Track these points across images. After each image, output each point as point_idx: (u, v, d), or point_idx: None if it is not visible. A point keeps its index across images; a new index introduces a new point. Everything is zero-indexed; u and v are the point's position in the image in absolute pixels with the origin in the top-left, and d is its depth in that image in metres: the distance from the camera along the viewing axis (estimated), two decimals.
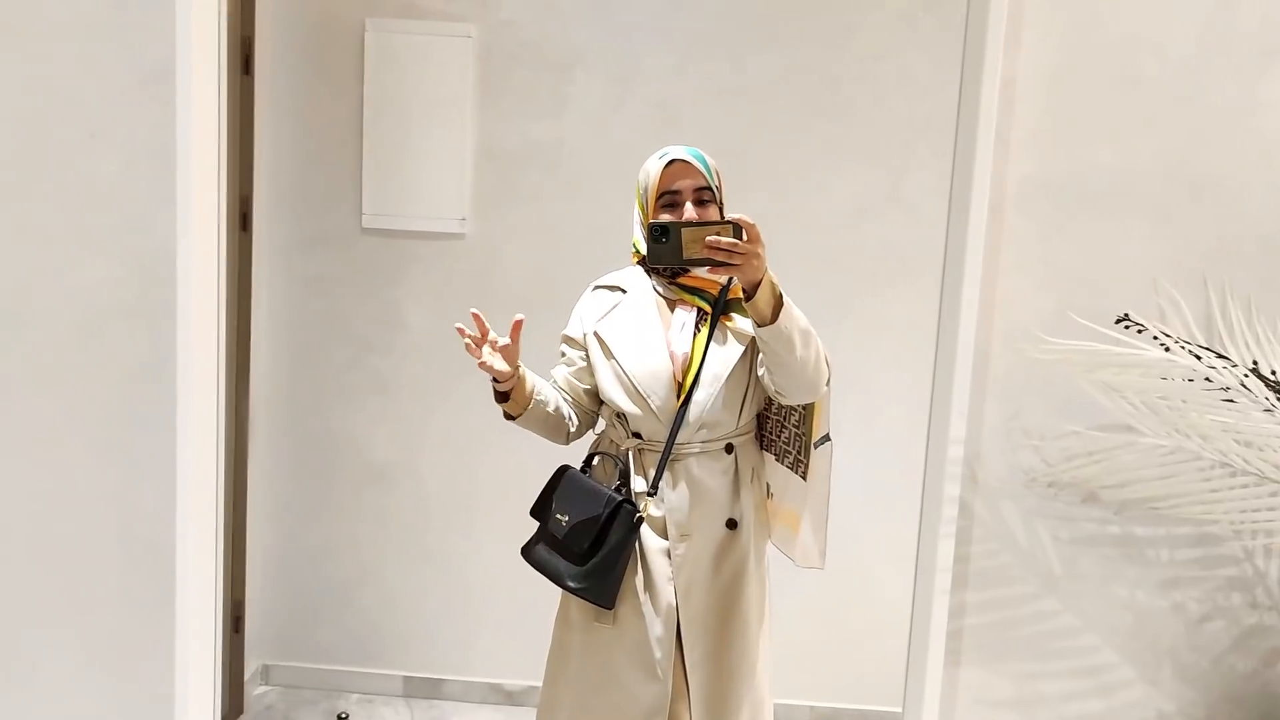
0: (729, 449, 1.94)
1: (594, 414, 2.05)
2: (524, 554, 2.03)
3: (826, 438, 2.01)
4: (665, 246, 1.78)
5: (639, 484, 1.93)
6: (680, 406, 1.88)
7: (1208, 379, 1.44)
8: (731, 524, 1.94)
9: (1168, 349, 1.46)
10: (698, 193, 1.88)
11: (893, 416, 2.94)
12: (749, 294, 1.76)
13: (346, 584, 3.13)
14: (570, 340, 2.02)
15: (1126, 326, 1.56)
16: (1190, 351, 1.44)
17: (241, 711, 2.97)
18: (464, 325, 1.87)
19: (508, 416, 1.96)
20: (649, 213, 1.92)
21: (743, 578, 1.95)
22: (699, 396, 1.88)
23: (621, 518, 1.89)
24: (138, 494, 1.80)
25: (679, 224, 1.76)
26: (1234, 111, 1.71)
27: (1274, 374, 1.59)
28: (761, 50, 2.84)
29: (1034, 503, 1.76)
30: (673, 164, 1.89)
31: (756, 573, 1.99)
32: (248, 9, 2.75)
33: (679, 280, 1.95)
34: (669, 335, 1.92)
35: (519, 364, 1.90)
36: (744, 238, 1.72)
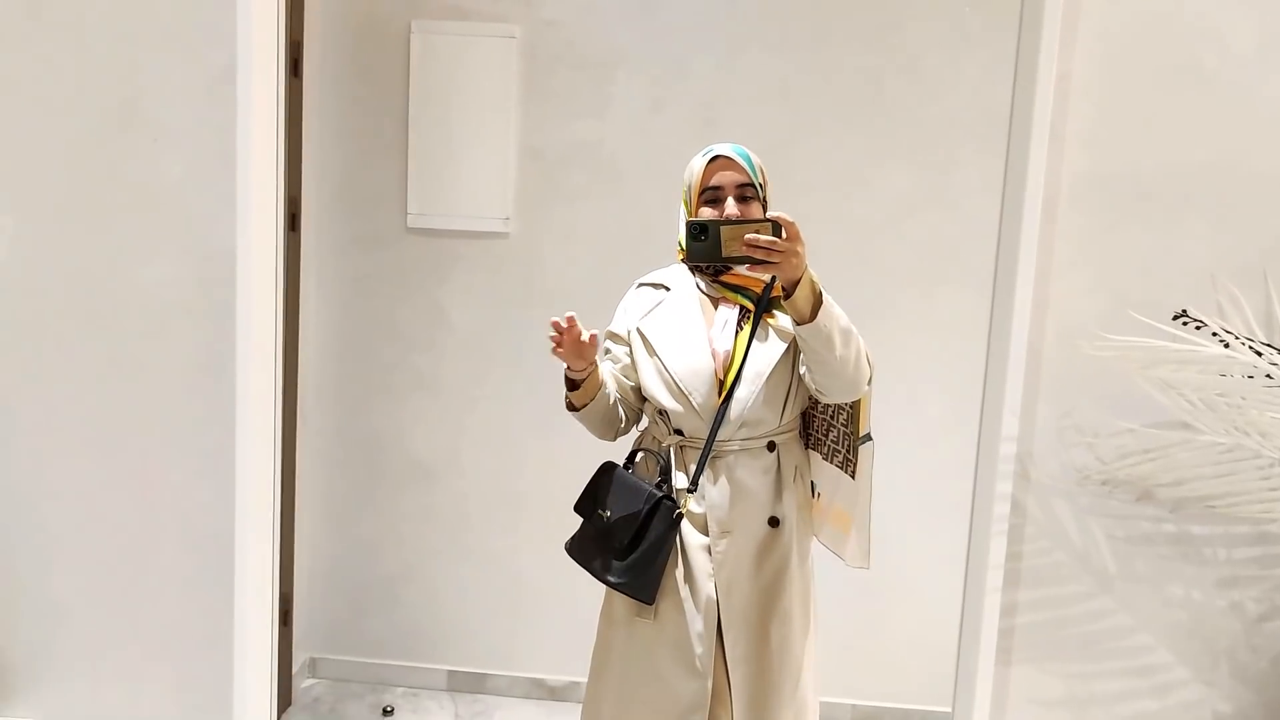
0: (771, 447, 1.94)
1: (639, 410, 2.06)
2: (568, 549, 2.04)
3: (868, 436, 2.00)
4: (704, 244, 1.77)
5: (680, 480, 1.93)
6: (721, 404, 1.88)
7: (1268, 375, 1.42)
8: (774, 522, 1.94)
9: (1227, 345, 1.44)
10: (740, 189, 1.88)
11: (936, 415, 2.92)
12: (788, 292, 1.75)
13: (392, 579, 3.16)
14: (615, 337, 2.03)
15: (1184, 323, 1.54)
16: (1251, 348, 1.42)
17: (290, 704, 3.01)
18: (555, 323, 1.86)
19: (570, 407, 1.96)
20: (692, 209, 1.92)
21: (785, 576, 1.94)
22: (740, 394, 1.88)
23: (661, 513, 1.89)
24: (198, 488, 1.83)
25: (718, 222, 1.76)
26: None
27: None
28: (804, 49, 2.83)
29: (1087, 501, 1.74)
30: (716, 160, 1.89)
31: (800, 572, 1.98)
32: (296, 12, 2.79)
33: (722, 278, 1.95)
34: (711, 333, 1.92)
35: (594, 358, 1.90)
36: (783, 236, 1.71)
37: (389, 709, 3.06)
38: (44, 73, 1.79)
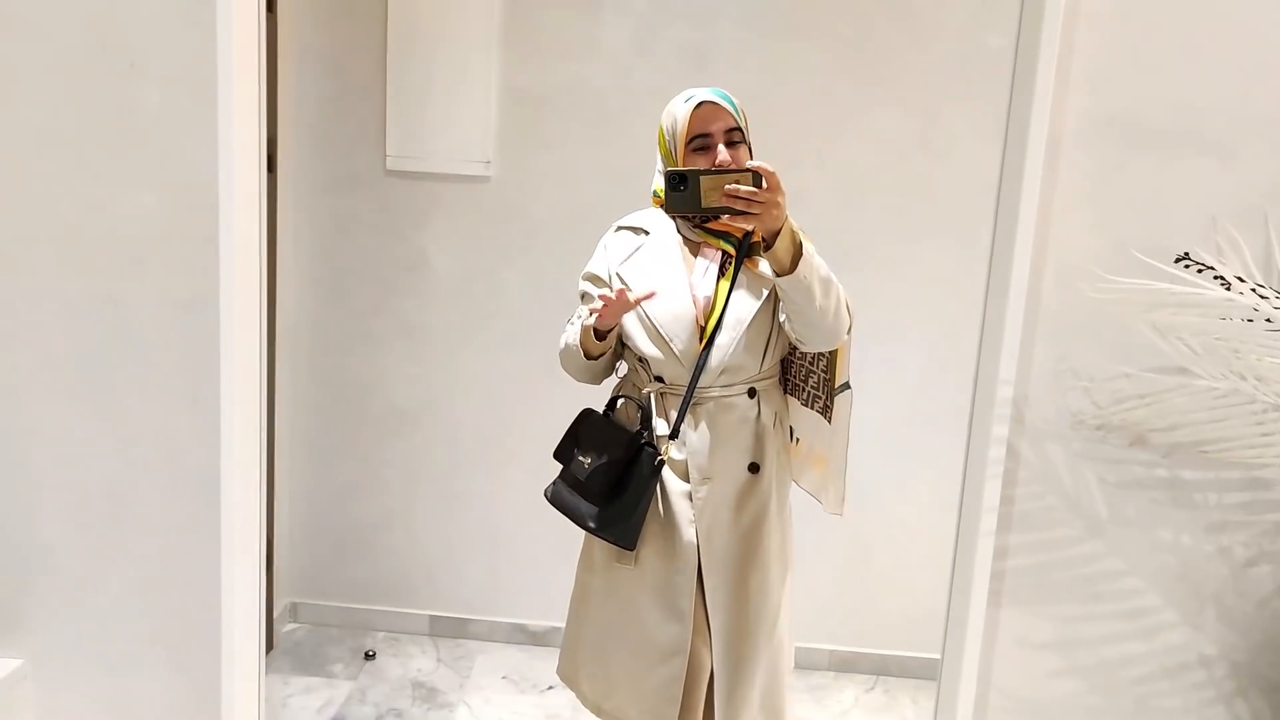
0: (751, 393, 1.94)
1: (618, 355, 2.05)
2: (547, 496, 2.04)
3: (846, 385, 2.01)
4: (683, 194, 1.76)
5: (661, 427, 1.93)
6: (702, 350, 1.88)
7: (1269, 319, 1.41)
8: (754, 468, 1.95)
9: (1229, 287, 1.43)
10: (729, 134, 1.87)
11: (918, 364, 2.93)
12: (768, 243, 1.75)
13: (374, 524, 3.15)
14: (595, 278, 2.00)
15: (1187, 266, 1.53)
16: (1256, 292, 1.41)
17: (271, 648, 3.01)
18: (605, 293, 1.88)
19: (588, 356, 1.96)
20: (678, 158, 1.89)
21: (764, 521, 1.96)
22: (721, 340, 1.88)
23: (643, 461, 1.90)
24: (181, 425, 1.80)
25: (697, 171, 1.74)
26: None
27: None
28: None
29: (1081, 445, 1.75)
30: (701, 106, 1.87)
31: (779, 517, 1.99)
32: None
33: (705, 224, 1.93)
34: (692, 279, 1.91)
35: None
36: (764, 186, 1.70)
37: (370, 653, 3.06)
38: None
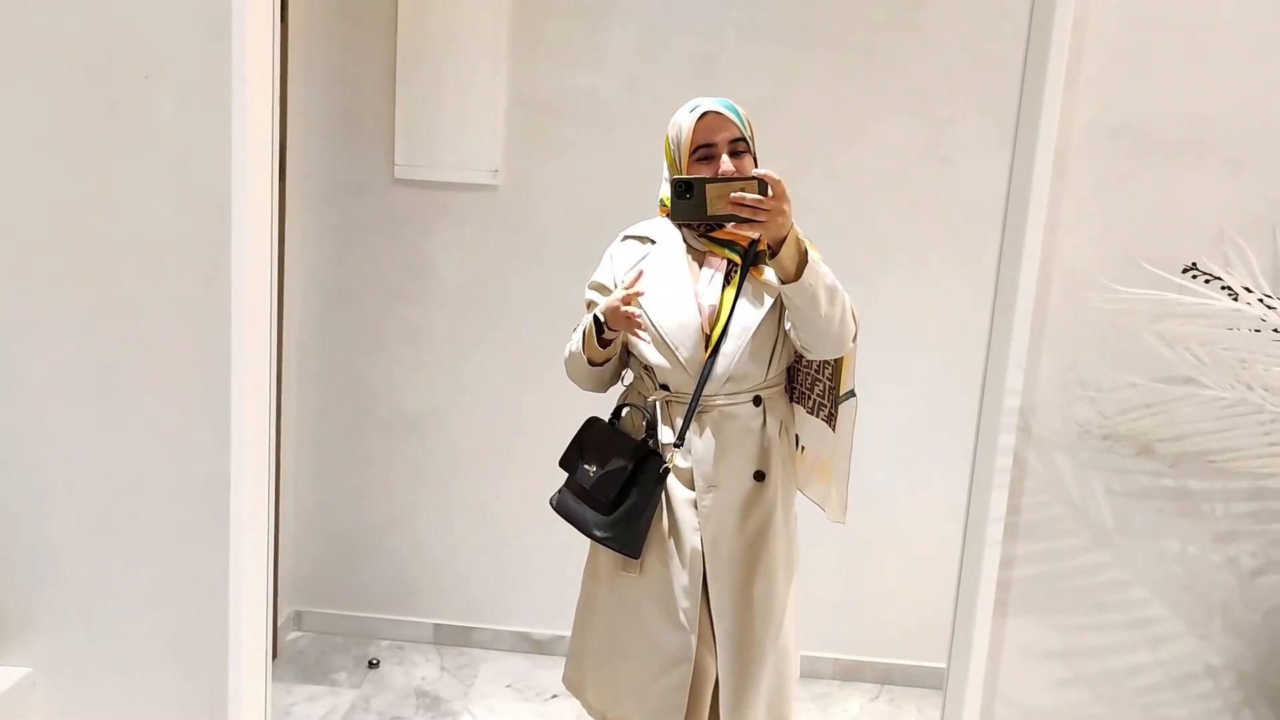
0: (757, 401, 1.94)
1: (624, 363, 2.06)
2: (552, 504, 2.04)
3: (851, 393, 2.01)
4: (689, 203, 1.76)
5: (666, 435, 1.94)
6: (708, 359, 1.88)
7: (1276, 330, 1.42)
8: (759, 476, 1.95)
9: (1236, 298, 1.44)
10: (733, 144, 1.87)
11: (927, 373, 2.93)
12: (773, 250, 1.76)
13: (378, 532, 3.15)
14: (601, 287, 2.01)
15: (1194, 276, 1.54)
16: (1263, 302, 1.42)
17: (275, 656, 3.00)
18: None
19: (591, 363, 1.96)
20: (683, 167, 1.90)
21: (770, 529, 1.96)
22: (727, 348, 1.88)
23: (648, 469, 1.90)
24: (193, 431, 1.81)
25: (703, 180, 1.75)
26: None
27: None
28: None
29: (1088, 455, 1.75)
30: (706, 116, 1.87)
31: (784, 525, 2.00)
32: None
33: (710, 234, 1.94)
34: (697, 287, 1.92)
35: None
36: (769, 194, 1.71)
37: (375, 661, 3.06)
38: (33, 5, 1.74)
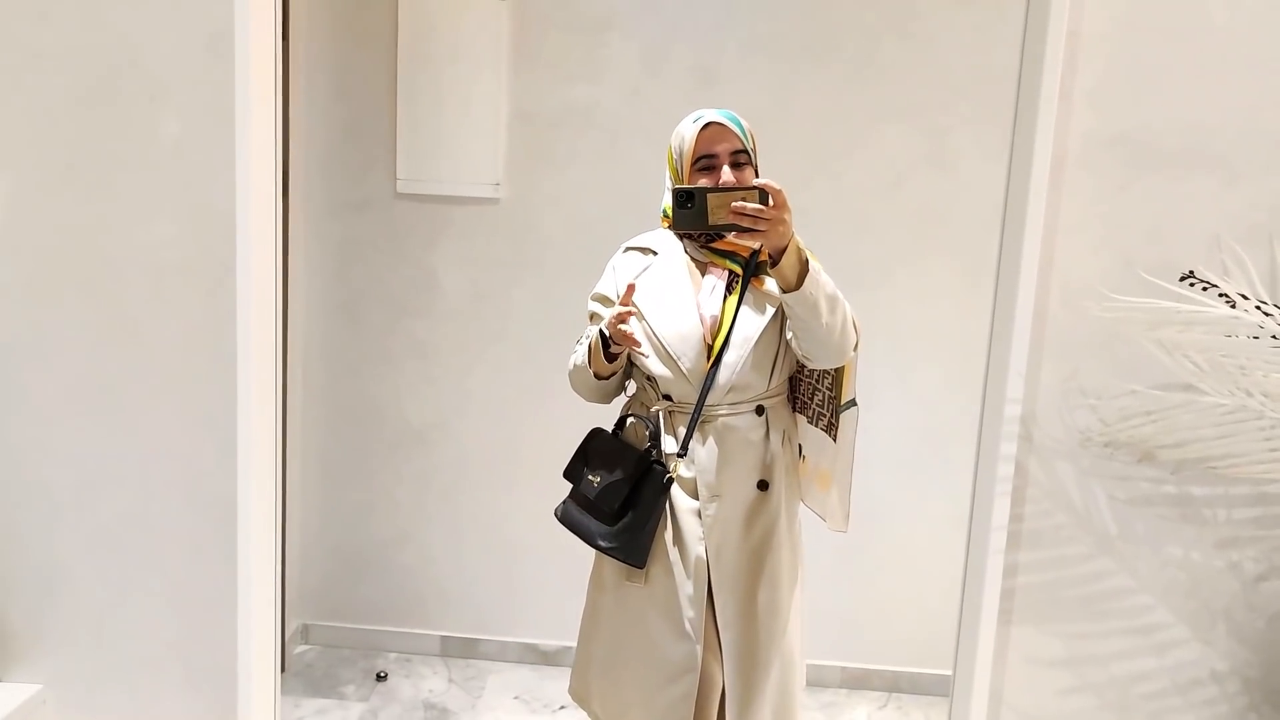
0: (760, 411, 1.95)
1: (627, 375, 2.07)
2: (557, 515, 2.05)
3: (853, 402, 2.02)
4: (690, 212, 1.77)
5: (669, 445, 1.94)
6: (710, 368, 1.89)
7: (1274, 337, 1.42)
8: (763, 485, 1.95)
9: (1234, 306, 1.45)
10: (734, 155, 1.88)
11: (927, 382, 2.93)
12: (774, 259, 1.77)
13: (384, 545, 3.16)
14: (604, 299, 2.02)
15: (1192, 284, 1.55)
16: (1260, 309, 1.43)
17: (283, 670, 3.01)
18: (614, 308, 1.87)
19: (597, 376, 1.97)
20: (684, 177, 1.91)
21: (773, 538, 1.96)
22: (729, 358, 1.89)
23: (651, 479, 1.90)
24: (200, 449, 1.83)
25: (704, 189, 1.76)
26: None
27: None
28: (799, 10, 2.81)
29: (1089, 463, 1.76)
30: (708, 127, 1.89)
31: (788, 534, 2.00)
32: None
33: (711, 244, 1.95)
34: (699, 298, 1.93)
35: None
36: (770, 203, 1.72)
37: (382, 674, 3.07)
38: (39, 29, 1.76)
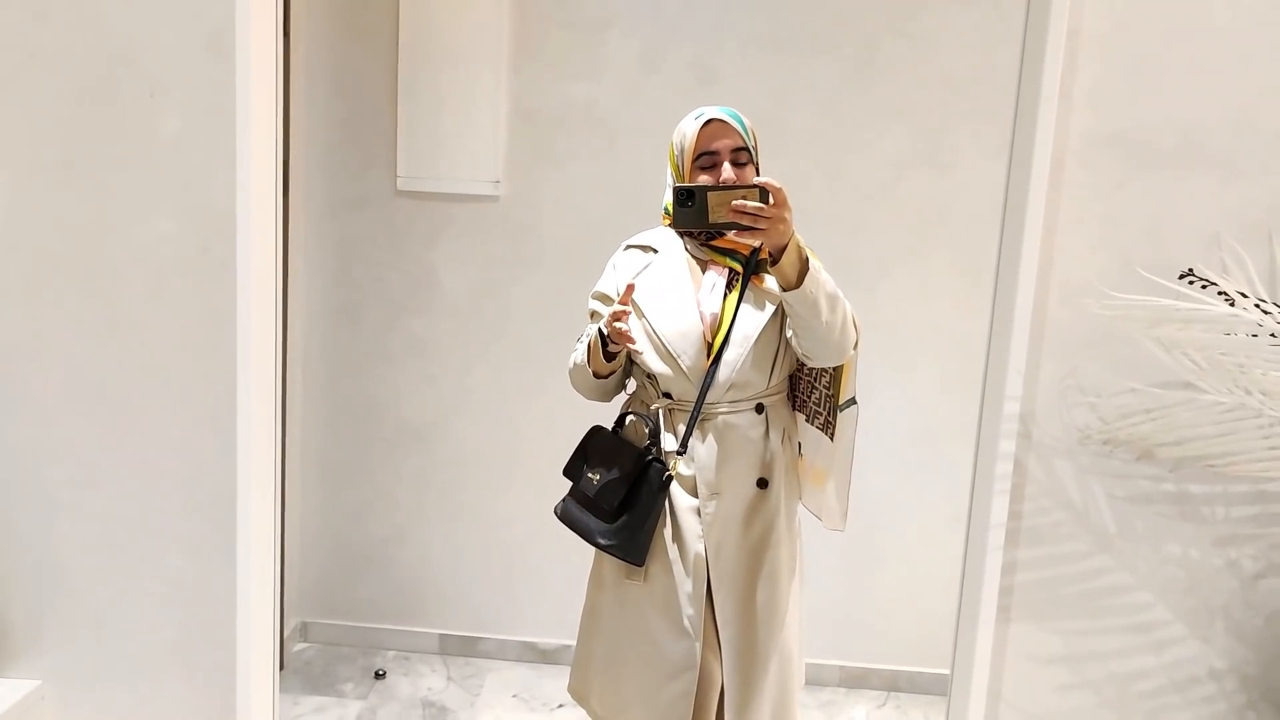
0: (759, 409, 1.95)
1: (627, 372, 2.07)
2: (557, 513, 2.05)
3: (853, 401, 2.02)
4: (691, 210, 1.78)
5: (669, 443, 1.95)
6: (710, 366, 1.89)
7: (1273, 335, 1.43)
8: (762, 483, 1.96)
9: (1233, 304, 1.45)
10: (735, 153, 1.88)
11: (926, 380, 2.94)
12: (775, 258, 1.77)
13: (384, 543, 3.16)
14: (604, 297, 2.03)
15: (1191, 282, 1.55)
16: (1259, 307, 1.43)
17: (282, 667, 3.01)
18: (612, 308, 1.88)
19: (597, 375, 1.98)
20: (685, 174, 1.91)
21: (773, 536, 1.97)
22: (729, 356, 1.89)
23: (651, 476, 1.91)
24: (200, 447, 1.83)
25: (704, 188, 1.77)
26: None
27: None
28: (798, 9, 2.81)
29: (1088, 460, 1.76)
30: (710, 124, 1.89)
31: (788, 532, 2.01)
32: None
33: (711, 242, 1.95)
34: (699, 295, 1.93)
35: None
36: (770, 201, 1.72)
37: (381, 672, 3.07)
38: (37, 26, 1.76)
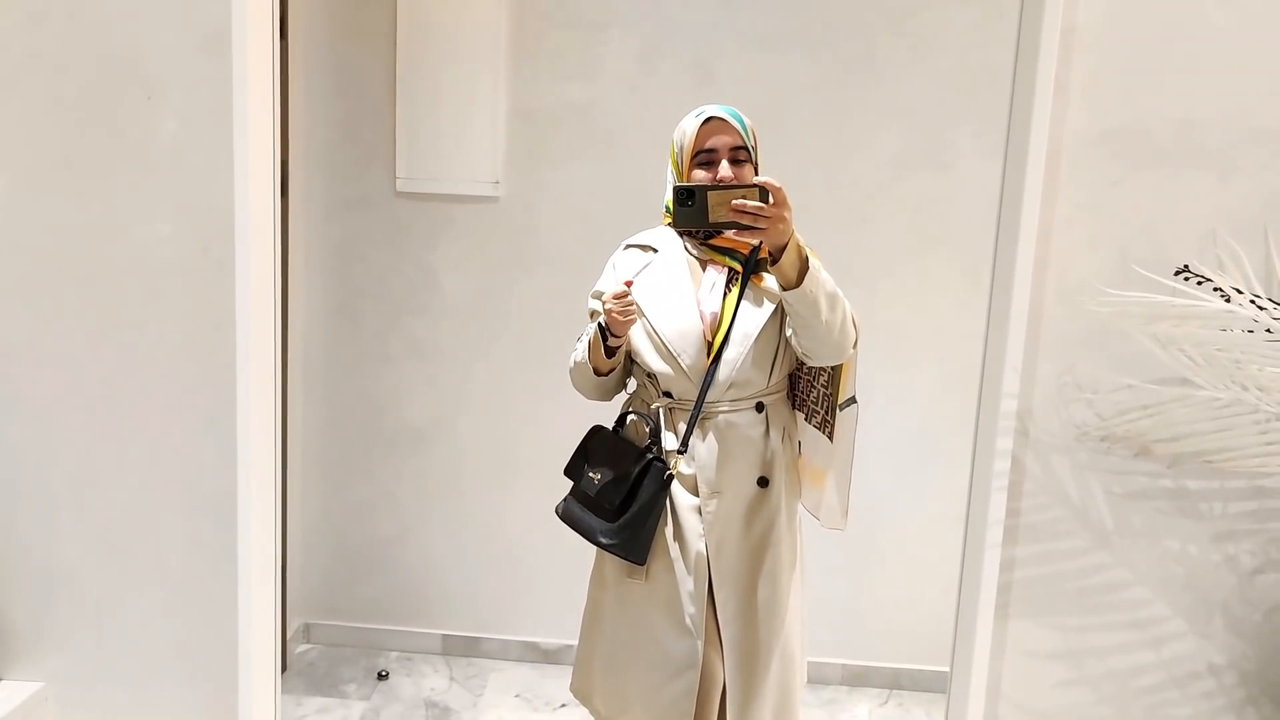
0: (760, 408, 1.96)
1: (628, 371, 2.08)
2: (558, 513, 2.06)
3: (852, 400, 2.02)
4: (691, 209, 1.78)
5: (670, 442, 1.95)
6: (710, 365, 1.90)
7: (1269, 330, 1.43)
8: (763, 482, 1.96)
9: (1228, 300, 1.45)
10: (734, 151, 1.89)
11: (927, 378, 2.94)
12: (774, 257, 1.78)
13: (385, 544, 3.17)
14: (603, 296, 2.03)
15: (1186, 279, 1.55)
16: (1254, 303, 1.43)
17: (285, 669, 3.02)
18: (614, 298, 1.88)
19: (597, 372, 1.98)
20: (684, 171, 1.92)
21: (774, 535, 1.97)
22: (729, 355, 1.90)
23: (652, 475, 1.91)
24: (200, 448, 1.84)
25: (704, 187, 1.77)
26: None
27: None
28: (796, 8, 2.82)
29: (1086, 457, 1.77)
30: (709, 122, 1.90)
31: (788, 530, 2.01)
32: None
33: (711, 241, 1.96)
34: (699, 294, 1.94)
35: None
36: (770, 201, 1.72)
37: (384, 673, 3.08)
38: (35, 29, 1.77)
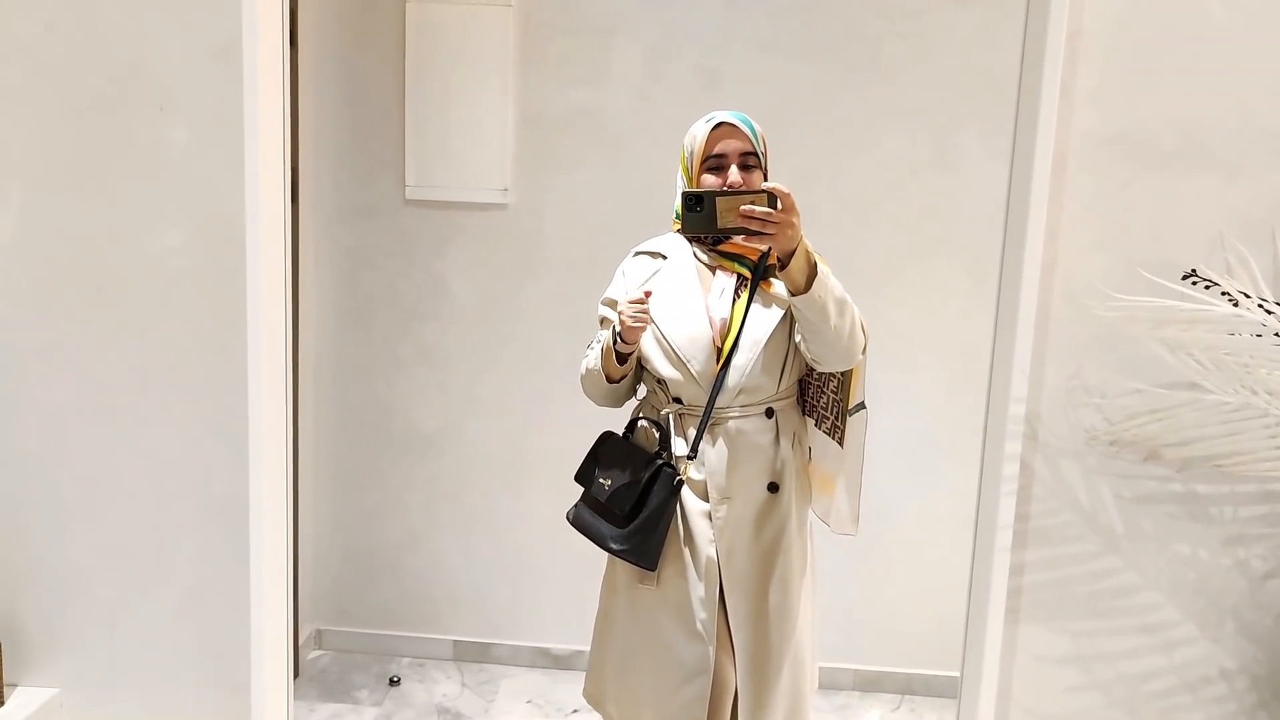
0: (769, 413, 1.96)
1: (640, 378, 2.08)
2: (569, 518, 2.06)
3: (862, 405, 2.02)
4: (699, 215, 1.78)
5: (680, 447, 1.95)
6: (720, 371, 1.90)
7: (1277, 334, 1.43)
8: (773, 487, 1.96)
9: (1236, 304, 1.45)
10: (743, 157, 1.89)
11: (935, 382, 2.93)
12: (783, 263, 1.78)
13: (397, 550, 3.18)
14: (614, 303, 2.03)
15: (1194, 283, 1.55)
16: (1262, 307, 1.43)
17: (297, 675, 3.03)
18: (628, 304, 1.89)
19: (609, 379, 1.98)
20: (693, 176, 1.92)
21: (784, 540, 1.97)
22: (738, 361, 1.90)
23: (662, 480, 1.91)
24: (211, 454, 1.85)
25: (713, 193, 1.77)
26: None
27: None
28: (803, 12, 2.82)
29: (1095, 461, 1.76)
30: (719, 127, 1.90)
31: (799, 536, 2.01)
32: None
33: (719, 247, 1.96)
34: (708, 301, 1.94)
35: None
36: (778, 206, 1.72)
37: (395, 679, 3.08)
38: (48, 39, 1.79)
